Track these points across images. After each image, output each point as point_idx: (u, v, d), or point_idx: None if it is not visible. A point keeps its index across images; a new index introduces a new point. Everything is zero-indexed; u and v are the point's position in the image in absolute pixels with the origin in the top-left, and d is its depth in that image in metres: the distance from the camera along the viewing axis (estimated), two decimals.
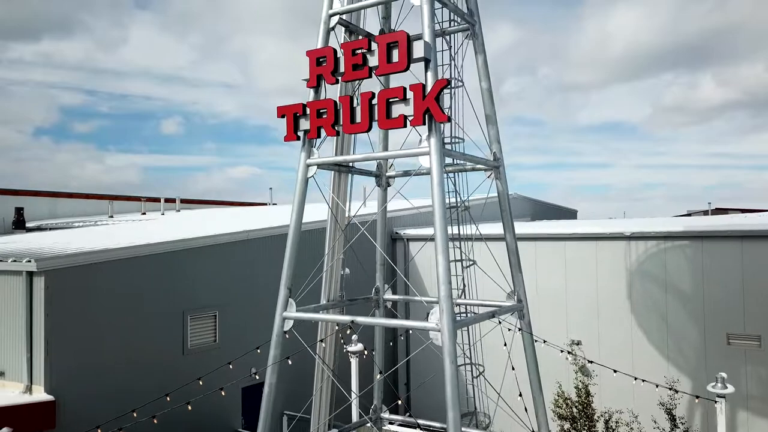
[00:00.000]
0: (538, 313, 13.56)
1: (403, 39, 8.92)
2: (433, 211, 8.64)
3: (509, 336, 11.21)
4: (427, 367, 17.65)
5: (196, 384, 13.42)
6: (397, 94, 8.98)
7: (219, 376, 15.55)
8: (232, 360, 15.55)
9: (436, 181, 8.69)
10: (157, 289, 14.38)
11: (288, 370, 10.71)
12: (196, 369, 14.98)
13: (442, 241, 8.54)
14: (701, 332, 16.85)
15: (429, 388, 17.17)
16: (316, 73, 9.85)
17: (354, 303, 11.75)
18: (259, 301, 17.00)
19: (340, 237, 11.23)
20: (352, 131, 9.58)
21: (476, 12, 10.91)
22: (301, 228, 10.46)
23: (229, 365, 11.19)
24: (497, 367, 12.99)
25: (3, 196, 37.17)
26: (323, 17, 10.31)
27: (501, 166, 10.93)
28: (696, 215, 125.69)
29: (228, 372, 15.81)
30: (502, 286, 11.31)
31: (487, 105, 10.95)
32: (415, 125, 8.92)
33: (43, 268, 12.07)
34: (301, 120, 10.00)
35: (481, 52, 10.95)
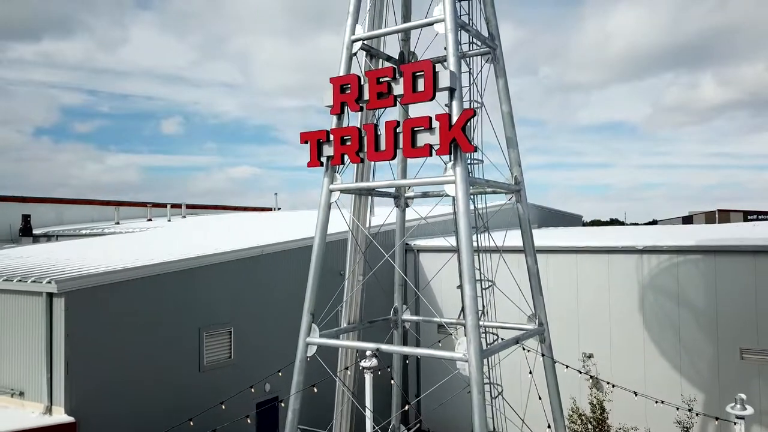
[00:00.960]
0: (549, 326, 13.56)
1: (429, 68, 8.95)
2: (459, 240, 8.68)
3: (529, 357, 11.24)
4: (436, 369, 17.72)
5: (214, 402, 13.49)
6: (422, 124, 9.02)
7: (234, 393, 15.63)
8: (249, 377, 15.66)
9: (462, 210, 8.72)
10: (174, 306, 14.41)
11: None
12: (213, 386, 15.07)
13: (468, 270, 8.58)
14: (714, 346, 16.88)
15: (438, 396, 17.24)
16: (340, 101, 9.88)
17: (373, 324, 11.78)
18: (273, 315, 17.06)
19: (360, 260, 11.26)
20: (377, 159, 9.61)
21: (497, 36, 10.94)
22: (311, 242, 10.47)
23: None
24: (514, 387, 13.04)
25: (9, 203, 37.23)
26: (346, 43, 10.34)
27: (522, 189, 10.96)
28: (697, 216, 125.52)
29: (243, 388, 15.89)
30: (520, 306, 11.37)
31: (507, 128, 10.98)
32: (441, 155, 8.95)
33: (63, 289, 12.09)
34: (325, 146, 10.04)
35: (502, 75, 10.99)
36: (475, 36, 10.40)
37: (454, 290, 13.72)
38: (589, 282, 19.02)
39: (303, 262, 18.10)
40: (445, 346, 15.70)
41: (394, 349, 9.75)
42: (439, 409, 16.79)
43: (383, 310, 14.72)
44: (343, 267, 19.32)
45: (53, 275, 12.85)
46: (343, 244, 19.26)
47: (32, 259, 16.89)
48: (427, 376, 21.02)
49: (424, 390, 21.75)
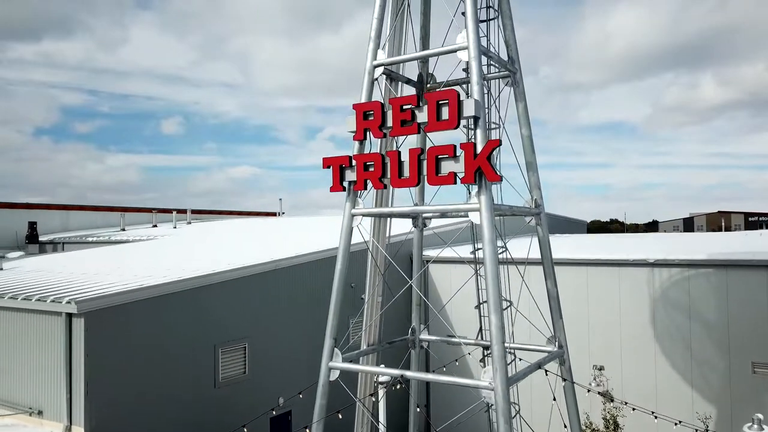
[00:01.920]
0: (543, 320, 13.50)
1: (454, 97, 9.00)
2: (485, 269, 8.73)
3: (550, 378, 11.29)
4: None
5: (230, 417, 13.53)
6: (447, 152, 9.06)
7: (248, 408, 15.70)
8: (263, 391, 15.71)
9: (488, 238, 8.77)
10: (190, 323, 14.46)
11: None
12: (228, 402, 15.14)
13: (494, 301, 8.62)
14: (726, 360, 16.94)
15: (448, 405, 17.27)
16: (363, 127, 9.92)
17: (392, 345, 11.83)
18: (286, 329, 17.12)
19: (380, 283, 11.31)
20: (400, 185, 9.65)
21: (517, 60, 10.99)
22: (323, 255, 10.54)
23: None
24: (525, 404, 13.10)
25: (15, 210, 37.28)
26: (367, 68, 10.38)
27: (542, 212, 11.01)
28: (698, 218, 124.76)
29: (257, 404, 15.96)
30: (537, 325, 11.41)
31: (527, 152, 11.03)
32: (466, 183, 9.00)
33: (83, 310, 12.14)
34: (347, 171, 10.08)
35: (522, 99, 11.04)
36: (496, 61, 10.44)
37: (465, 302, 13.81)
38: (600, 294, 19.08)
39: (315, 276, 18.33)
40: (462, 364, 15.78)
41: (419, 376, 9.79)
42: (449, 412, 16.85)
43: (397, 326, 14.80)
44: (354, 279, 19.46)
45: (72, 294, 12.90)
46: (354, 256, 19.43)
47: (47, 275, 16.93)
48: (437, 384, 21.09)
49: (433, 399, 21.84)
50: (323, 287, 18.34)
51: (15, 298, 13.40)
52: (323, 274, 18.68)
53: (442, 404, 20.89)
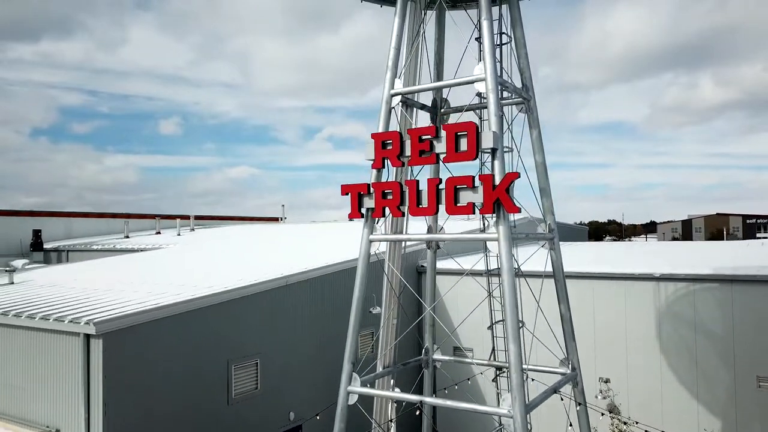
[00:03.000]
0: (556, 340, 13.67)
1: (472, 130, 9.19)
2: (503, 297, 8.91)
3: (562, 399, 11.48)
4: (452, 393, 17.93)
5: None
6: (465, 182, 9.25)
7: (260, 424, 15.89)
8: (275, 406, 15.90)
9: (506, 268, 8.96)
10: (203, 340, 14.62)
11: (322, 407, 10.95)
12: (241, 418, 15.31)
13: (513, 328, 8.81)
14: (731, 374, 17.16)
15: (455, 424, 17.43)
16: (382, 156, 10.10)
17: (407, 366, 12.01)
18: (297, 344, 17.30)
19: (395, 307, 11.49)
20: (419, 214, 9.83)
21: (531, 88, 11.18)
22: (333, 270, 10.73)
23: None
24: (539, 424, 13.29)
25: (21, 218, 37.42)
26: (385, 97, 10.56)
27: (555, 237, 11.20)
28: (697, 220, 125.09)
29: (269, 419, 16.15)
30: (549, 345, 11.61)
31: (541, 178, 11.22)
32: (485, 214, 9.18)
33: (101, 331, 12.30)
34: (365, 198, 10.26)
35: (536, 126, 11.23)
36: (512, 91, 10.63)
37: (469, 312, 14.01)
38: (606, 307, 19.28)
39: (325, 290, 18.52)
40: (472, 381, 15.99)
41: (438, 402, 9.97)
42: None
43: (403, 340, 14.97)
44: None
45: (88, 314, 13.07)
46: None
47: (60, 290, 17.08)
48: None
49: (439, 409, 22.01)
50: (333, 301, 18.67)
51: (32, 317, 13.55)
52: (333, 289, 18.94)
53: (449, 422, 21.08)
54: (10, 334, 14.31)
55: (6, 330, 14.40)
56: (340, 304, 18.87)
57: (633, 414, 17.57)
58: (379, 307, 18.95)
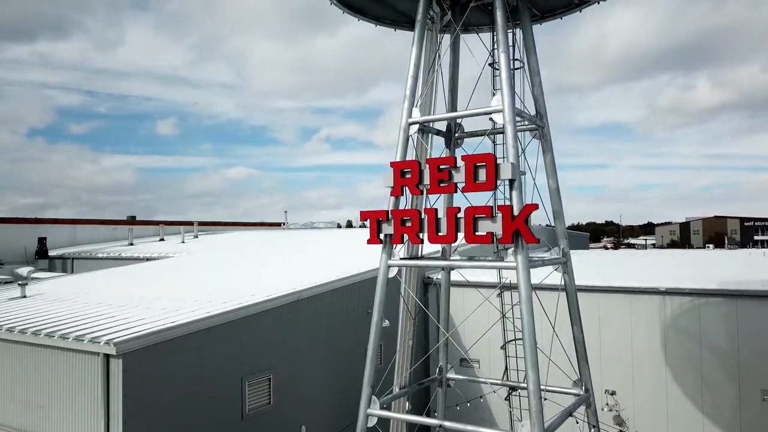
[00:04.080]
0: (573, 362, 13.91)
1: (491, 161, 9.42)
2: (523, 328, 9.14)
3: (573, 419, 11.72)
4: None
5: None
6: (484, 212, 9.47)
7: None
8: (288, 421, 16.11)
9: (525, 296, 9.19)
10: (218, 357, 14.82)
11: None
12: None
13: (531, 355, 9.04)
14: (736, 388, 17.42)
15: None
16: (400, 184, 10.32)
17: (422, 386, 12.23)
18: (308, 358, 17.51)
19: (411, 329, 11.71)
20: (437, 242, 10.05)
21: (545, 115, 11.42)
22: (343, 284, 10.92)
23: None
24: None
25: (26, 225, 37.59)
26: (402, 126, 10.79)
27: (568, 261, 11.44)
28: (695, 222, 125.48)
29: None
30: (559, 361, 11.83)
31: (554, 202, 11.46)
32: (503, 243, 9.41)
33: (121, 351, 12.50)
34: (384, 225, 10.47)
35: (549, 151, 11.46)
36: (528, 119, 10.87)
37: (477, 326, 14.20)
38: (611, 320, 19.52)
39: (335, 304, 18.74)
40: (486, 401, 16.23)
41: (458, 427, 10.18)
42: None
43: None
44: (370, 305, 19.90)
45: (107, 332, 13.27)
46: (371, 282, 19.86)
47: (73, 305, 17.27)
48: None
49: None
50: (343, 314, 18.88)
51: (51, 336, 13.75)
52: (342, 302, 19.16)
53: None
54: (29, 352, 14.51)
55: (24, 347, 14.59)
56: (350, 317, 19.12)
57: (638, 427, 17.83)
58: (387, 320, 19.21)
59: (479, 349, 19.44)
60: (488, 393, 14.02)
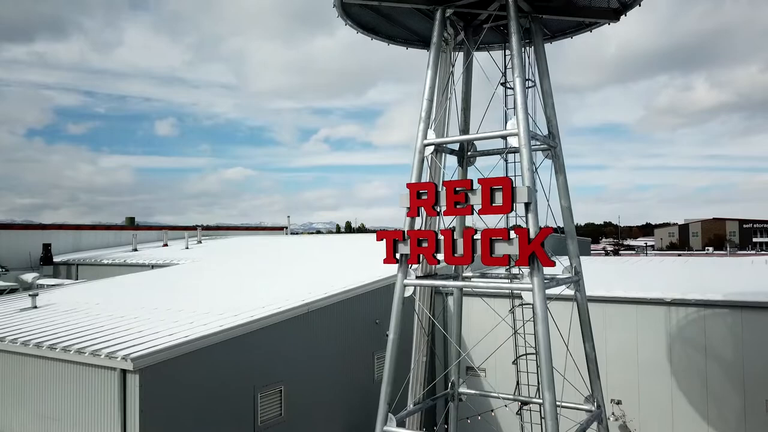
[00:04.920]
0: (578, 372, 14.09)
1: (507, 185, 9.61)
2: (538, 348, 9.33)
3: None
4: None
5: None
6: (501, 235, 9.66)
7: None
8: None
9: (540, 318, 9.37)
10: (232, 369, 14.99)
11: None
12: None
13: (547, 377, 9.22)
14: (741, 398, 17.62)
15: None
16: (417, 205, 10.50)
17: (435, 401, 12.40)
18: (318, 369, 17.69)
19: (424, 346, 11.88)
20: (454, 263, 10.24)
21: (557, 135, 11.60)
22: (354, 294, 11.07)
23: None
24: None
25: (30, 231, 37.74)
26: (418, 147, 10.97)
27: (581, 279, 11.63)
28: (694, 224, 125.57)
29: None
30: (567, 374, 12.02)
31: (567, 221, 11.64)
32: (520, 266, 9.59)
33: (138, 366, 12.66)
34: (400, 245, 10.65)
35: (561, 172, 11.65)
36: (542, 141, 11.05)
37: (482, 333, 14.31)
38: (617, 330, 19.71)
39: (344, 315, 18.91)
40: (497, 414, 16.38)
41: None
42: None
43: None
44: (378, 316, 20.13)
45: (123, 347, 13.42)
46: (379, 292, 20.06)
47: (85, 318, 17.41)
48: None
49: None
50: (352, 325, 19.07)
51: (67, 350, 13.91)
52: (351, 313, 19.34)
53: None
54: (44, 365, 14.66)
55: (39, 361, 14.75)
56: (358, 327, 19.30)
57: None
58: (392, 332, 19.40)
59: (485, 357, 19.64)
60: (499, 407, 14.17)
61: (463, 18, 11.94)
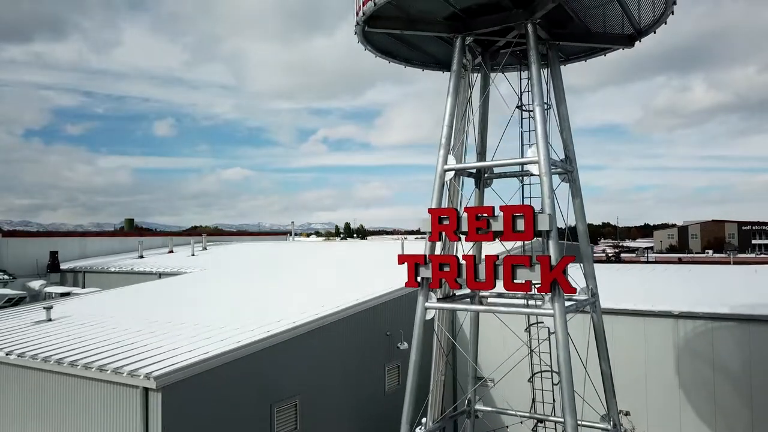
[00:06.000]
0: (586, 383, 14.29)
1: (529, 213, 9.84)
2: (560, 372, 9.55)
3: None
4: None
5: None
6: (523, 262, 9.89)
7: None
8: None
9: (562, 344, 9.60)
10: (249, 385, 15.19)
11: None
12: None
13: (569, 402, 9.45)
14: (749, 411, 17.87)
15: None
16: (438, 230, 10.73)
17: (453, 418, 12.63)
18: (331, 382, 17.90)
19: (442, 366, 12.10)
20: (476, 288, 10.47)
21: (574, 159, 11.83)
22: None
23: None
24: None
25: (36, 239, 37.93)
26: (438, 172, 11.19)
27: (597, 301, 11.86)
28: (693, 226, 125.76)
29: None
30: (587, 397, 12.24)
31: (583, 244, 11.87)
32: (542, 292, 9.82)
33: (161, 384, 12.86)
34: (421, 268, 10.88)
35: (578, 195, 11.88)
36: (559, 166, 11.28)
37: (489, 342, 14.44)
38: (625, 342, 19.93)
39: (356, 328, 19.13)
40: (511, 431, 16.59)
41: None
42: None
43: None
44: (389, 328, 20.37)
45: (143, 364, 13.62)
46: (389, 305, 20.29)
47: (101, 331, 17.60)
48: None
49: None
50: (364, 337, 19.29)
51: (89, 368, 14.10)
52: (363, 325, 19.56)
53: None
54: (63, 382, 14.84)
55: (59, 377, 14.93)
56: (370, 339, 19.52)
57: None
58: (406, 343, 19.65)
59: (494, 367, 19.85)
60: (514, 423, 14.41)
61: (480, 43, 12.17)
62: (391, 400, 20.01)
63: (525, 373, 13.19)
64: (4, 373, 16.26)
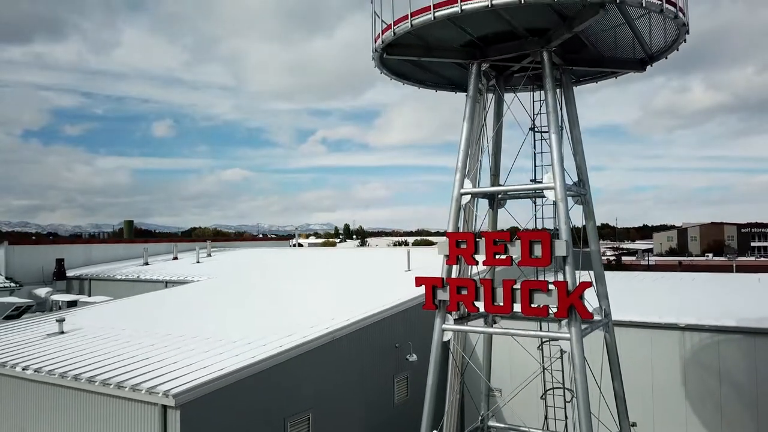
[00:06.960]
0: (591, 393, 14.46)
1: (546, 239, 10.04)
2: (577, 396, 9.76)
3: None
4: None
5: None
6: (540, 287, 10.10)
7: None
8: None
9: (579, 367, 9.81)
10: (264, 399, 15.39)
11: None
12: None
13: (586, 425, 9.66)
14: (755, 423, 18.09)
15: None
16: (456, 254, 10.94)
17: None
18: (345, 393, 18.12)
19: (457, 386, 12.31)
20: (494, 312, 10.66)
21: (587, 182, 12.05)
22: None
23: None
24: None
25: (41, 246, 38.09)
26: (455, 196, 11.39)
27: (609, 321, 12.07)
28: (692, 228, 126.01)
29: None
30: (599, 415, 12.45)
31: (596, 265, 12.08)
32: (559, 317, 10.04)
33: (180, 402, 13.06)
34: (439, 291, 11.08)
35: (591, 217, 12.09)
36: (573, 191, 11.48)
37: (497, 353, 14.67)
38: (631, 354, 20.11)
39: (366, 340, 19.34)
40: None
41: None
42: None
43: None
44: (398, 339, 20.57)
45: (161, 383, 13.80)
46: (399, 316, 20.49)
47: (114, 344, 17.78)
48: None
49: None
50: (374, 349, 19.49)
51: (107, 384, 14.28)
52: (373, 337, 19.77)
53: None
54: (79, 398, 15.02)
55: (75, 393, 15.11)
56: (379, 351, 19.72)
57: None
58: (415, 355, 19.86)
59: (501, 377, 20.06)
60: None
61: (495, 68, 12.38)
62: (401, 412, 20.23)
63: (537, 390, 13.39)
64: (19, 388, 16.44)
